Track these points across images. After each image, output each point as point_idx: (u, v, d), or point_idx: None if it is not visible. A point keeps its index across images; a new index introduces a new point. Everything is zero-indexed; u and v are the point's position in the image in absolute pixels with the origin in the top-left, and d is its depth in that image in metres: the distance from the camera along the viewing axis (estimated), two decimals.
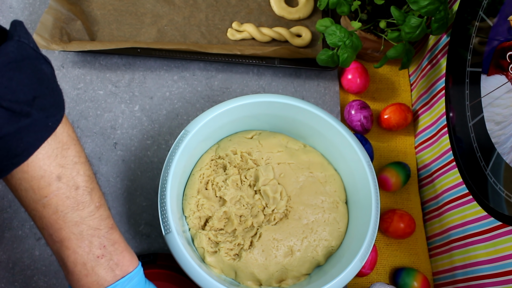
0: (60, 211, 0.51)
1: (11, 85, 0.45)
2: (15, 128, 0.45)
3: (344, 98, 0.91)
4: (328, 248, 0.72)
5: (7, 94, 0.45)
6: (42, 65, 0.49)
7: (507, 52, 0.63)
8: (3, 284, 0.72)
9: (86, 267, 0.52)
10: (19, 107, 0.45)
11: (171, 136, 0.83)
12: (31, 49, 0.49)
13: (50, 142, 0.49)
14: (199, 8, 0.90)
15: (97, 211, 0.53)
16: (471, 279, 0.74)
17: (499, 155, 0.64)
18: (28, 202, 0.51)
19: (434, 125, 0.85)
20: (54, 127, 0.49)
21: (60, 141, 0.50)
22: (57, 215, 0.51)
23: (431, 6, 0.73)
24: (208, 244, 0.69)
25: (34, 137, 0.47)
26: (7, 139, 0.45)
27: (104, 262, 0.53)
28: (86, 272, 0.52)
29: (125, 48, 0.82)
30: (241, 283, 0.70)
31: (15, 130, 0.45)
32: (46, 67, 0.50)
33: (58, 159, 0.50)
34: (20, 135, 0.46)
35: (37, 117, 0.47)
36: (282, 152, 0.76)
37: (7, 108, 0.45)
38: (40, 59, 0.49)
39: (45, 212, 0.51)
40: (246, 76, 0.89)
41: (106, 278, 0.53)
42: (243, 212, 0.72)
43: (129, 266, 0.55)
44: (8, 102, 0.45)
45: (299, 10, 0.93)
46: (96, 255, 0.53)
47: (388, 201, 0.87)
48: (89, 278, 0.53)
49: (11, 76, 0.45)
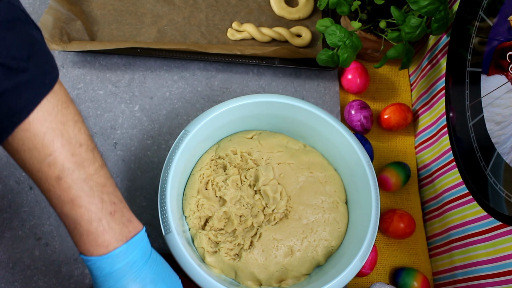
0: (66, 169, 0.49)
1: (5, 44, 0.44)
2: (13, 83, 0.45)
3: (344, 98, 0.91)
4: (328, 248, 0.72)
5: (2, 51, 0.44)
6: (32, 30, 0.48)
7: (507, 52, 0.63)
8: (3, 284, 0.72)
9: (102, 223, 0.51)
10: (16, 63, 0.45)
11: (171, 136, 0.83)
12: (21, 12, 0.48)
13: (49, 99, 0.48)
14: (199, 8, 0.90)
15: (101, 169, 0.52)
16: (471, 279, 0.74)
17: (499, 155, 0.64)
18: (32, 163, 0.49)
19: (434, 125, 0.85)
20: (52, 84, 0.49)
21: (59, 98, 0.49)
22: (64, 173, 0.49)
23: (431, 6, 0.73)
24: (208, 244, 0.69)
25: (33, 93, 0.47)
26: (6, 96, 0.45)
27: (118, 218, 0.52)
28: (102, 228, 0.51)
29: (125, 48, 0.82)
30: (241, 283, 0.70)
31: (13, 86, 0.45)
32: (36, 32, 0.49)
33: (59, 116, 0.49)
34: (19, 91, 0.45)
35: (34, 73, 0.46)
36: (282, 152, 0.76)
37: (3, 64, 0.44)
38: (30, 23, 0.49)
39: (51, 172, 0.49)
40: (246, 76, 0.89)
41: (123, 233, 0.52)
42: (243, 212, 0.72)
43: (139, 223, 0.55)
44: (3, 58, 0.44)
45: (299, 10, 0.93)
46: (109, 211, 0.52)
47: (388, 201, 0.87)
48: (106, 235, 0.51)
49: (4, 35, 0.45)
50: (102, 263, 0.52)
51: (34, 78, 0.47)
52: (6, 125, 0.47)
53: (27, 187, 0.76)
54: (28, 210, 0.75)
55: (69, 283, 0.73)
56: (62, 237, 0.75)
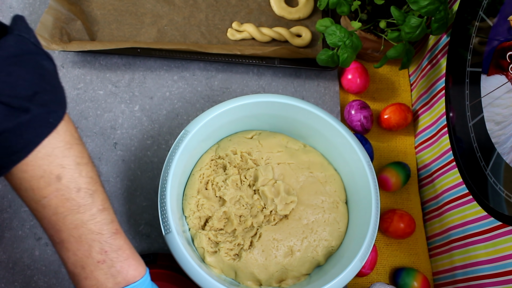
0: (59, 213, 0.49)
1: (10, 80, 0.44)
2: (13, 124, 0.44)
3: (344, 98, 0.91)
4: (328, 248, 0.72)
5: (5, 89, 0.44)
6: (43, 61, 0.48)
7: (507, 52, 0.63)
8: (3, 284, 0.72)
9: (85, 270, 0.51)
10: (18, 102, 0.44)
11: (171, 136, 0.83)
12: (31, 44, 0.47)
13: (51, 140, 0.48)
14: (199, 8, 0.90)
15: (99, 214, 0.51)
16: (471, 279, 0.74)
17: (499, 155, 0.64)
18: (29, 202, 0.50)
19: (434, 125, 0.85)
20: (55, 124, 0.48)
21: (62, 140, 0.49)
22: (56, 217, 0.49)
23: (431, 6, 0.73)
24: (208, 244, 0.69)
25: (34, 133, 0.46)
26: (6, 135, 0.44)
27: (104, 268, 0.51)
28: (85, 275, 0.51)
29: (125, 48, 0.82)
30: (241, 283, 0.70)
31: (14, 126, 0.44)
32: (48, 63, 0.49)
33: (59, 159, 0.48)
34: (20, 131, 0.45)
35: (37, 113, 0.46)
36: (282, 152, 0.76)
37: (6, 104, 0.43)
38: (41, 54, 0.48)
39: (45, 213, 0.49)
40: (246, 76, 0.89)
41: (106, 284, 0.51)
42: (243, 212, 0.72)
43: (134, 274, 0.53)
44: (6, 97, 0.44)
45: (299, 10, 0.93)
46: (97, 260, 0.51)
47: (388, 201, 0.87)
48: (88, 281, 0.51)
49: (10, 71, 0.44)
50: None
51: (36, 118, 0.46)
52: (5, 163, 0.46)
53: None
54: (28, 210, 0.75)
55: (69, 283, 0.73)
56: None
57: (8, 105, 0.44)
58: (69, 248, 0.51)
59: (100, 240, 0.51)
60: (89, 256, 0.51)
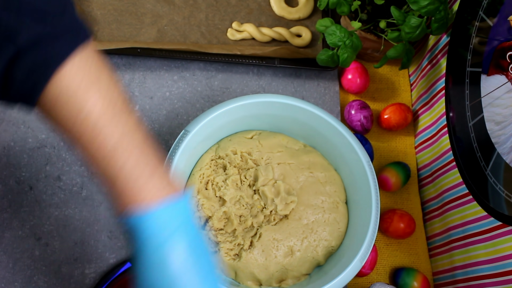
0: (102, 123, 0.46)
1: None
2: (49, 29, 0.44)
3: (344, 98, 0.91)
4: (328, 248, 0.72)
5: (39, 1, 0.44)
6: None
7: (507, 52, 0.63)
8: (3, 284, 0.72)
9: (139, 182, 0.47)
10: (52, 8, 0.44)
11: (171, 136, 0.83)
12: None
13: (84, 51, 0.46)
14: (199, 8, 0.90)
15: (137, 127, 0.48)
16: (471, 279, 0.74)
17: (499, 155, 0.64)
18: (67, 119, 0.46)
19: (434, 125, 0.85)
20: (88, 36, 0.47)
21: (94, 52, 0.47)
22: (99, 127, 0.46)
23: (431, 6, 0.73)
24: (208, 244, 0.69)
25: (70, 40, 0.45)
26: (43, 45, 0.44)
27: (157, 178, 0.48)
28: (139, 188, 0.47)
29: (125, 48, 0.82)
30: (241, 283, 0.70)
31: (51, 33, 0.44)
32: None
33: (93, 70, 0.46)
34: (57, 39, 0.44)
35: (69, 21, 0.45)
36: (282, 152, 0.76)
37: (42, 10, 0.43)
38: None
39: (83, 127, 0.46)
40: (246, 76, 0.89)
41: (163, 193, 0.48)
42: (243, 212, 0.72)
43: (179, 184, 0.50)
44: (42, 3, 0.44)
45: (299, 10, 0.93)
46: (148, 170, 0.48)
47: (388, 201, 0.87)
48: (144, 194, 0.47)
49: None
50: (143, 222, 0.48)
51: (70, 26, 0.46)
52: (42, 76, 0.45)
53: (27, 187, 0.76)
54: (28, 210, 0.75)
55: (69, 283, 0.73)
56: (62, 237, 0.75)
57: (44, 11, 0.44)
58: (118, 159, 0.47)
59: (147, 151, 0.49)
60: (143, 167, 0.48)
